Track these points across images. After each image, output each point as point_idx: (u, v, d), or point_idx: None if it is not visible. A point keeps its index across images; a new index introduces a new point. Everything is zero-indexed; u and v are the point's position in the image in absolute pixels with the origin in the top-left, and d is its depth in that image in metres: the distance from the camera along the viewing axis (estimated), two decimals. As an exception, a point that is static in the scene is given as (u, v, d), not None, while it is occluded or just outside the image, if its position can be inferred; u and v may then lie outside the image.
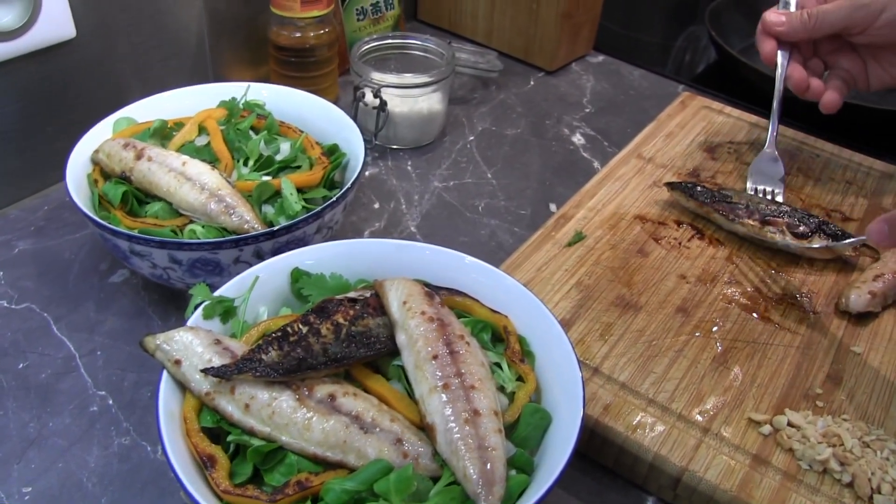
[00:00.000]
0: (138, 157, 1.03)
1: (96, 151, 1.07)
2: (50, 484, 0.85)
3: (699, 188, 1.17)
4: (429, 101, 1.37)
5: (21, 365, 0.98)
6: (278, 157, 1.09)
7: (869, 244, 0.74)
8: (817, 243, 1.07)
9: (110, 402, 0.94)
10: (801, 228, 1.09)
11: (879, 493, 0.80)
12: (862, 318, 1.02)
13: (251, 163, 1.08)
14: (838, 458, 0.82)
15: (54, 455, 0.88)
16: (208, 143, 1.10)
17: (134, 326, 1.04)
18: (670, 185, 1.19)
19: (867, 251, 1.09)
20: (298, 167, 1.08)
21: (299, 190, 1.03)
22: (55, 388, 0.95)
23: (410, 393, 0.76)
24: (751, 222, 1.11)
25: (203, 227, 0.98)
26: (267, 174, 1.07)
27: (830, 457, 0.82)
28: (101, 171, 1.06)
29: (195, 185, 0.99)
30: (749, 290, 1.05)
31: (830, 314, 1.02)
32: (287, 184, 1.01)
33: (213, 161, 1.06)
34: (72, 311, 1.06)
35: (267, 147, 1.10)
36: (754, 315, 1.01)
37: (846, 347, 0.97)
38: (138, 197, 1.04)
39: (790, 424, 0.86)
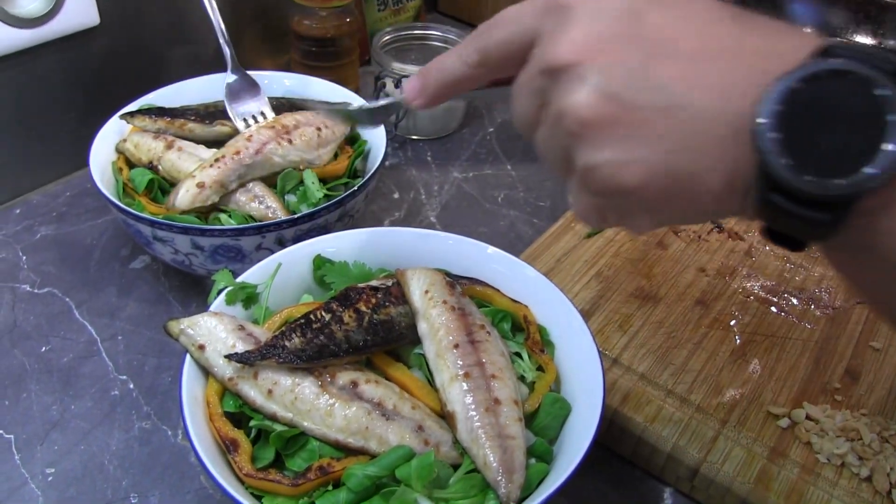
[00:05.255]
0: (168, 147, 1.04)
1: (123, 141, 1.08)
2: (72, 465, 0.86)
3: (157, 107, 1.13)
4: (449, 92, 1.37)
5: (43, 348, 0.99)
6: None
7: (405, 102, 0.69)
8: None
9: (131, 386, 0.95)
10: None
11: (897, 487, 0.80)
12: (881, 313, 1.02)
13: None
14: (856, 452, 0.83)
15: (76, 437, 0.89)
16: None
17: (155, 312, 1.05)
18: (130, 115, 1.11)
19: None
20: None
21: (325, 180, 1.05)
22: (77, 371, 0.96)
23: (431, 381, 0.76)
24: (230, 122, 1.11)
25: (230, 214, 0.99)
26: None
27: (849, 451, 0.82)
28: (126, 161, 1.07)
29: None
30: (768, 283, 1.05)
31: (849, 309, 1.02)
32: (308, 173, 1.02)
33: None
34: (93, 296, 1.07)
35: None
36: (773, 309, 1.01)
37: (865, 342, 0.97)
38: (163, 187, 1.05)
39: (808, 418, 0.87)
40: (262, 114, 1.12)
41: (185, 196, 0.97)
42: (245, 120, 1.10)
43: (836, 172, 0.45)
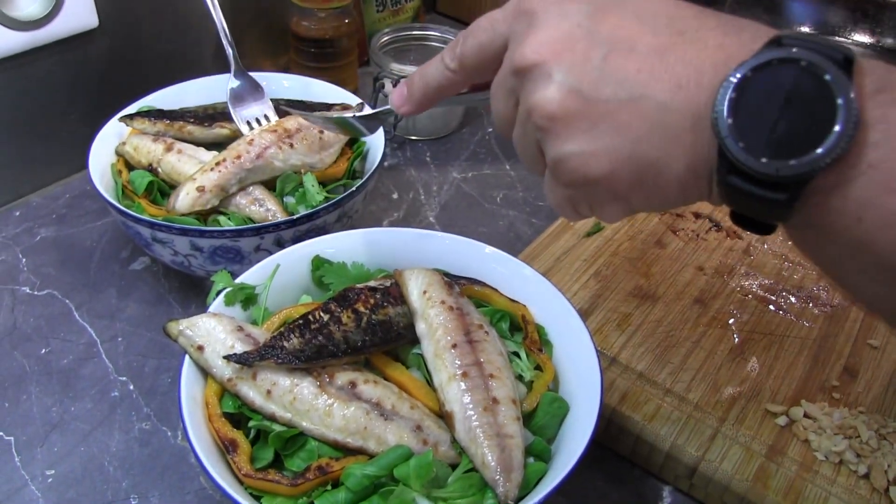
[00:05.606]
0: (168, 149, 1.04)
1: (123, 144, 1.08)
2: (72, 467, 0.86)
3: (157, 110, 1.13)
4: (447, 93, 1.37)
5: (43, 350, 0.99)
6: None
7: (393, 108, 0.73)
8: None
9: (131, 387, 0.95)
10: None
11: (895, 485, 0.80)
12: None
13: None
14: (854, 449, 0.83)
15: (76, 439, 0.89)
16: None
17: (154, 313, 1.05)
18: (129, 118, 1.10)
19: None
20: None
21: (324, 182, 1.05)
22: (77, 373, 0.97)
23: (430, 381, 0.77)
24: (229, 125, 1.11)
25: (229, 217, 0.99)
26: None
27: (846, 448, 0.83)
28: (126, 163, 1.07)
29: None
30: (766, 282, 1.05)
31: (848, 307, 1.02)
32: (308, 177, 1.03)
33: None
34: (93, 297, 1.07)
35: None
36: (771, 307, 1.01)
37: (863, 340, 0.97)
38: (162, 189, 1.05)
39: (806, 416, 0.87)
40: (266, 117, 1.12)
41: (185, 199, 0.97)
42: (248, 123, 1.10)
43: (788, 153, 0.48)
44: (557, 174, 0.58)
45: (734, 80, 0.49)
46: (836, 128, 0.46)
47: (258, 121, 1.11)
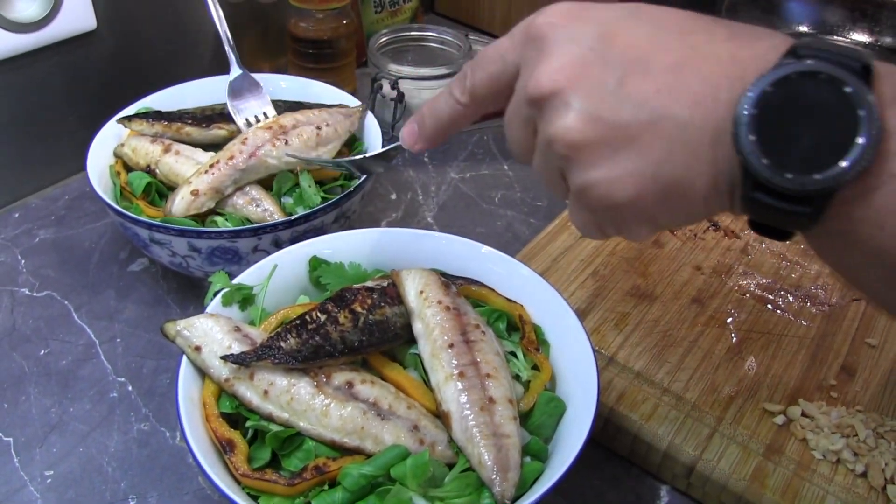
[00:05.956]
0: (166, 151, 1.04)
1: (121, 145, 1.08)
2: (71, 468, 0.86)
3: (155, 111, 1.13)
4: (446, 93, 1.37)
5: (42, 352, 0.99)
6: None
7: (404, 147, 0.74)
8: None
9: (130, 388, 0.95)
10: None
11: (893, 483, 0.80)
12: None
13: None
14: (852, 448, 0.83)
15: (75, 440, 0.89)
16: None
17: (153, 314, 1.05)
18: (127, 119, 1.10)
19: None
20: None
21: (322, 182, 1.05)
22: (76, 374, 0.97)
23: (426, 381, 0.77)
24: (227, 126, 1.11)
25: (227, 218, 0.99)
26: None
27: (844, 447, 0.83)
28: (124, 164, 1.08)
29: None
30: (764, 281, 1.05)
31: (846, 306, 1.02)
32: (305, 176, 1.03)
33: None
34: (92, 298, 1.07)
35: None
36: (769, 306, 1.01)
37: (861, 339, 0.97)
38: (161, 191, 1.05)
39: (804, 415, 0.87)
40: (265, 114, 1.12)
41: (180, 203, 0.97)
42: (247, 120, 1.10)
43: (813, 168, 0.47)
44: (583, 200, 0.57)
45: (753, 96, 0.48)
46: (860, 140, 0.46)
47: (257, 118, 1.11)
